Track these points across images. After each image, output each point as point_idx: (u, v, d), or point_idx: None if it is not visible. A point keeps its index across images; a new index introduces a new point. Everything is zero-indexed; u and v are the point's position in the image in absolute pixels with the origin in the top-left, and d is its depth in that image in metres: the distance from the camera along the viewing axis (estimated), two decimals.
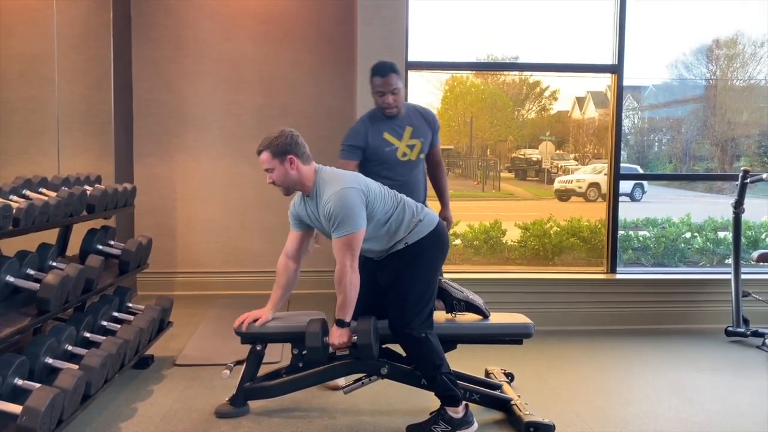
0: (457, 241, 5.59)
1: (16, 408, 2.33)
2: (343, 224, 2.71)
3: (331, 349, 2.95)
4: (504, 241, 5.69)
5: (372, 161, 3.44)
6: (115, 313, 3.62)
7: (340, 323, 2.85)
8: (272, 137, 2.82)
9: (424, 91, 5.97)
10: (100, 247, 3.78)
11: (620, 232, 5.16)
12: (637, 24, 4.96)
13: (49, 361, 2.79)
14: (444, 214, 3.73)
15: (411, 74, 4.71)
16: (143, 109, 5.70)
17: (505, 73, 6.57)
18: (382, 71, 3.32)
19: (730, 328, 4.56)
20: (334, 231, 2.75)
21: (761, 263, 4.48)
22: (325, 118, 5.80)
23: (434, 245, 2.90)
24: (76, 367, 2.77)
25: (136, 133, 5.71)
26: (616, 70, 4.87)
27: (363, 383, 3.06)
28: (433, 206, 3.54)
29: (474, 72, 6.02)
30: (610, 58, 4.91)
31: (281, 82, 5.79)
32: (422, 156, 3.51)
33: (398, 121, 3.43)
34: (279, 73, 5.78)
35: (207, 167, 5.80)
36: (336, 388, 3.36)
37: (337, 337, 2.86)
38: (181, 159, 5.77)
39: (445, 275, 3.13)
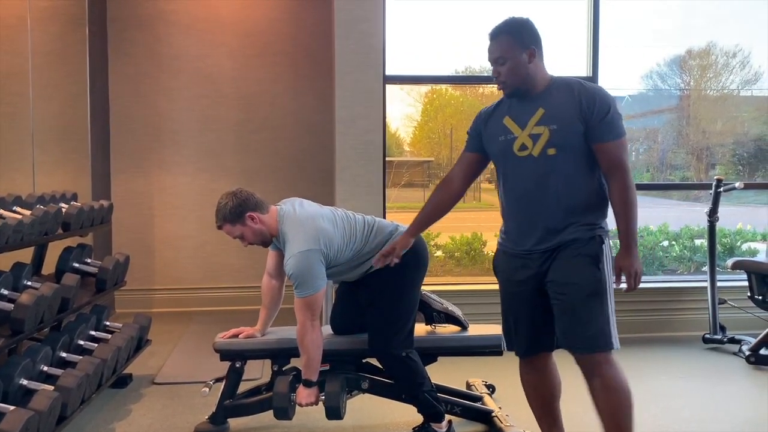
0: (438, 253, 5.60)
1: None
2: (302, 286, 2.71)
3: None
4: (485, 252, 5.71)
5: (492, 158, 2.54)
6: (92, 332, 3.58)
7: (307, 383, 2.83)
8: (220, 207, 2.80)
9: (403, 103, 6.00)
10: (77, 265, 3.74)
11: None
12: (611, 35, 5.03)
13: (24, 382, 2.75)
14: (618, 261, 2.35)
15: (389, 88, 4.73)
16: (120, 125, 5.67)
17: (483, 85, 6.62)
18: (492, 33, 2.41)
19: (707, 336, 4.61)
20: (294, 290, 2.74)
21: (736, 270, 4.53)
22: (303, 132, 5.81)
23: (412, 263, 2.87)
24: (52, 388, 2.73)
25: (113, 149, 5.66)
26: (591, 81, 4.93)
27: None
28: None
29: (452, 84, 6.06)
30: (584, 70, 4.97)
31: (259, 97, 5.79)
32: (552, 152, 2.32)
33: (531, 101, 2.39)
34: (257, 88, 5.78)
35: (185, 183, 5.77)
36: None
37: (305, 397, 2.84)
38: (158, 175, 5.74)
39: (426, 287, 3.13)
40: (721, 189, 4.67)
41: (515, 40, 2.35)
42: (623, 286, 2.36)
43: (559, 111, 2.32)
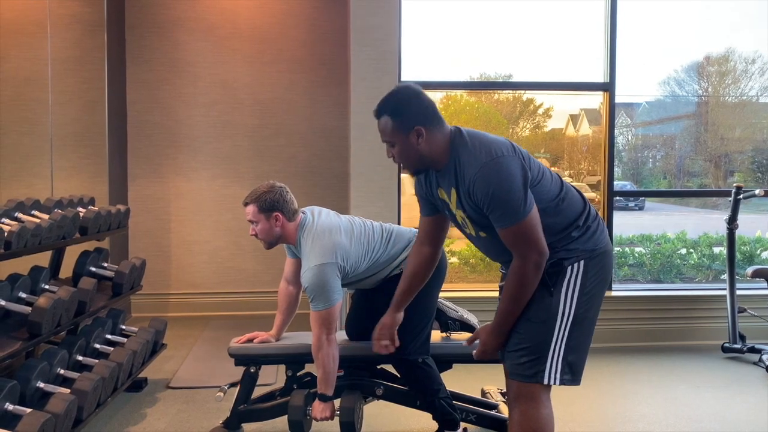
0: (454, 259, 5.57)
1: None
2: (318, 299, 2.71)
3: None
4: None
5: None
6: (109, 336, 3.60)
7: (323, 398, 2.81)
8: (261, 191, 2.82)
9: None
10: (94, 269, 3.76)
11: (616, 249, 5.15)
12: (628, 42, 5.00)
13: (41, 385, 2.76)
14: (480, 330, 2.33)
15: None
16: (137, 130, 5.71)
17: (498, 91, 6.60)
18: (375, 111, 2.22)
19: (727, 345, 4.54)
20: (310, 303, 2.74)
21: (756, 279, 4.46)
22: (319, 138, 5.83)
23: None
24: (68, 391, 2.75)
25: (130, 154, 5.71)
26: (608, 88, 4.90)
27: None
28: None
29: (468, 90, 6.04)
30: (601, 76, 4.94)
31: (275, 103, 5.82)
32: (483, 234, 2.20)
33: (444, 175, 2.20)
34: (273, 94, 5.81)
35: (201, 188, 5.80)
36: None
37: (320, 411, 2.81)
38: (175, 180, 5.77)
39: (441, 294, 3.10)
40: (741, 196, 4.62)
41: (396, 123, 2.16)
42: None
43: (465, 197, 2.12)
